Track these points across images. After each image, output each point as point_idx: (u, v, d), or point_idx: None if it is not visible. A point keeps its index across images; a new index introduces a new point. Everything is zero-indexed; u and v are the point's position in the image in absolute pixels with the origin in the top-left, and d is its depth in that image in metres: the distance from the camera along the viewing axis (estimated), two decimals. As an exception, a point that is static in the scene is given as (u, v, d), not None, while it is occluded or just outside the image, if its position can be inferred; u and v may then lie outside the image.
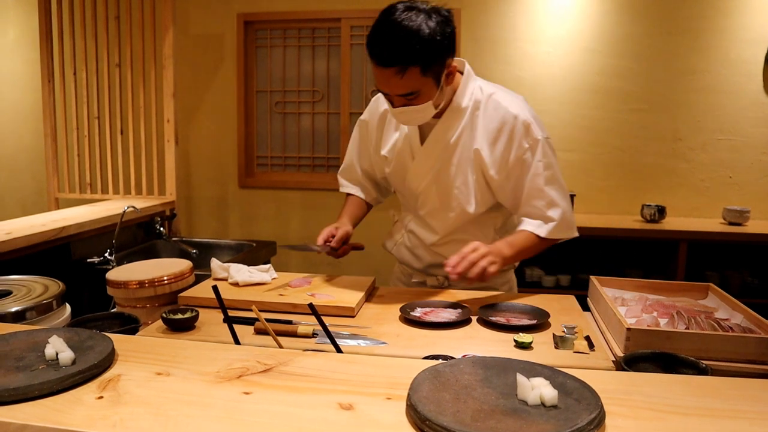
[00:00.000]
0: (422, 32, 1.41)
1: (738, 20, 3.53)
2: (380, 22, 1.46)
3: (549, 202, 1.63)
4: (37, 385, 0.84)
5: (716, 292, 1.55)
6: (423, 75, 1.45)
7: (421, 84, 1.47)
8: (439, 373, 0.88)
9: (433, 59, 1.45)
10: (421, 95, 1.50)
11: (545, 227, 1.63)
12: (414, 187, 1.74)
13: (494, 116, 1.63)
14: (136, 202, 3.04)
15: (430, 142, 1.67)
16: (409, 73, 1.43)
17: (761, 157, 3.63)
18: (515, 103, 1.65)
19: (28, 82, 4.29)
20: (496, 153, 1.63)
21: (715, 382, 0.94)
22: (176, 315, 1.33)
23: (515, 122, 1.61)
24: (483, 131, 1.63)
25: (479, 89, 1.67)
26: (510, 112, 1.62)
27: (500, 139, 1.62)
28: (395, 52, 1.42)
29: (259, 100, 4.20)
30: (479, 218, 1.73)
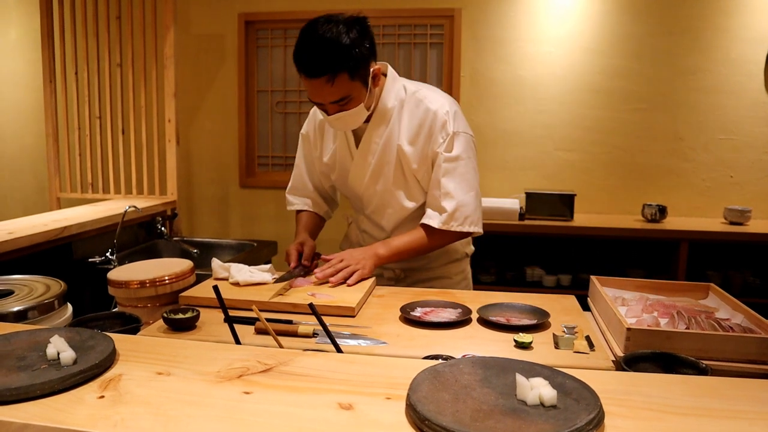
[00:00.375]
0: (344, 40, 1.52)
1: (739, 19, 3.53)
2: (303, 37, 1.56)
3: (444, 194, 1.71)
4: (39, 384, 0.84)
5: (717, 292, 1.55)
6: (351, 80, 1.56)
7: (351, 89, 1.57)
8: (438, 373, 0.88)
9: (357, 64, 1.55)
10: (353, 99, 1.60)
11: (438, 218, 1.71)
12: (356, 188, 1.85)
13: (416, 113, 1.73)
14: (138, 201, 3.04)
15: (364, 144, 1.77)
16: (338, 80, 1.53)
17: (762, 156, 3.63)
18: (436, 98, 1.74)
19: (29, 82, 4.29)
20: (417, 148, 1.73)
21: (715, 382, 0.94)
22: (177, 315, 1.34)
23: (434, 117, 1.71)
24: (406, 128, 1.73)
25: (403, 89, 1.76)
26: (429, 107, 1.72)
27: (420, 134, 1.72)
28: (322, 63, 1.51)
29: (260, 100, 4.21)
30: (420, 212, 1.80)
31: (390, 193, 1.80)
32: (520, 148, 3.85)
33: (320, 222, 2.04)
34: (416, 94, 1.74)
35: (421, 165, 1.74)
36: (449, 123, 1.70)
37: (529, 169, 3.85)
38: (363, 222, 1.95)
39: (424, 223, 1.73)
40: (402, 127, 1.73)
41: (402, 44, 3.94)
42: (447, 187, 1.70)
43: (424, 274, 1.92)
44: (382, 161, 1.76)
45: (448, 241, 1.79)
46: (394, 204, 1.81)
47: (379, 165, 1.77)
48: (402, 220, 1.84)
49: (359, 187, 1.84)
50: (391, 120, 1.73)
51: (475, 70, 3.82)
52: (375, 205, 1.85)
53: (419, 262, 1.90)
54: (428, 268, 1.92)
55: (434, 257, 1.90)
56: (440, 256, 1.91)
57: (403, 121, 1.74)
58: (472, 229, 1.75)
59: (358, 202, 1.93)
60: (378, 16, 3.90)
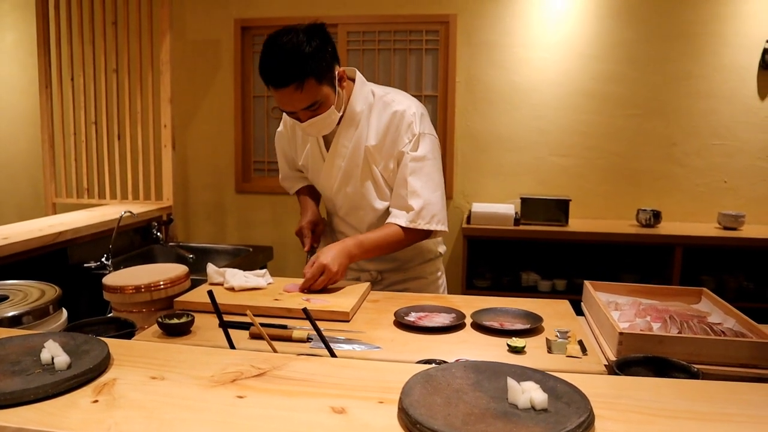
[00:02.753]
0: (306, 48, 1.55)
1: (732, 26, 3.56)
2: (267, 49, 1.59)
3: (411, 192, 1.73)
4: (33, 389, 0.84)
5: (709, 296, 1.55)
6: (319, 84, 1.59)
7: (320, 93, 1.61)
8: (431, 377, 0.89)
9: (323, 69, 1.59)
10: (323, 104, 1.64)
11: (405, 216, 1.73)
12: (327, 191, 1.90)
13: (383, 114, 1.76)
14: (133, 207, 3.04)
15: (333, 147, 1.80)
16: (306, 86, 1.57)
17: (756, 162, 3.65)
18: (403, 101, 1.78)
19: (25, 88, 4.29)
20: (384, 149, 1.76)
21: (706, 386, 0.95)
22: (172, 320, 1.34)
23: (401, 118, 1.74)
24: (374, 130, 1.77)
25: (371, 93, 1.80)
26: (396, 109, 1.75)
27: (388, 135, 1.76)
28: (289, 71, 1.54)
29: (256, 106, 4.22)
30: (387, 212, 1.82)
31: (360, 194, 1.83)
32: (515, 153, 3.87)
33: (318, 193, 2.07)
34: (384, 98, 1.78)
35: (387, 164, 1.77)
36: (415, 124, 1.73)
37: (524, 174, 3.86)
38: (338, 224, 1.98)
39: (391, 222, 1.75)
40: (370, 129, 1.77)
41: (398, 50, 3.96)
42: (413, 186, 1.73)
43: (400, 275, 1.95)
44: (352, 164, 1.80)
45: (414, 240, 1.80)
46: (365, 205, 1.84)
47: (348, 168, 1.80)
48: (374, 221, 1.86)
49: (330, 190, 1.88)
50: (359, 123, 1.77)
51: (471, 75, 3.83)
52: (347, 207, 1.88)
53: (393, 263, 1.93)
54: (403, 269, 1.95)
55: (408, 258, 1.93)
56: (414, 257, 1.94)
57: (371, 124, 1.77)
58: (439, 227, 1.77)
59: (330, 205, 1.97)
60: (374, 23, 3.92)
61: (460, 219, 3.90)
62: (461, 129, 3.90)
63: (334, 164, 1.82)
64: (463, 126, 3.90)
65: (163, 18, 3.21)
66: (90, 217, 2.78)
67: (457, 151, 3.92)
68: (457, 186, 3.95)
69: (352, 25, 3.95)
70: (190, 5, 4.06)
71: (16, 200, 4.48)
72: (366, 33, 3.97)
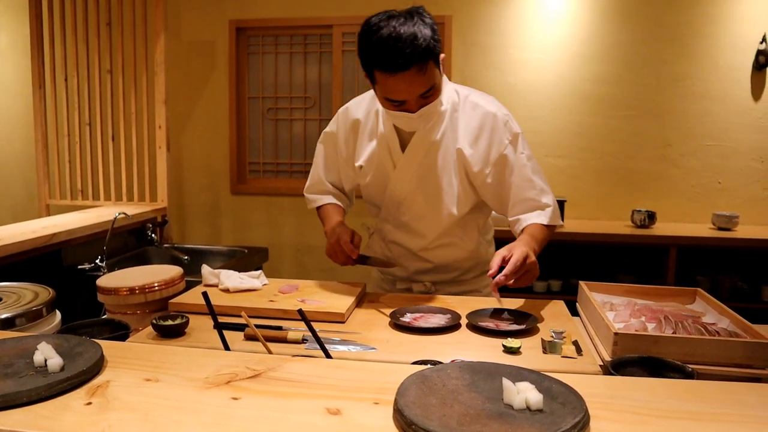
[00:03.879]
0: (423, 29, 1.45)
1: (726, 27, 3.57)
2: (378, 36, 1.47)
3: (540, 190, 1.66)
4: (26, 391, 0.84)
5: (704, 296, 1.56)
6: (435, 67, 1.50)
7: (436, 76, 1.52)
8: (426, 378, 0.89)
9: (437, 51, 1.49)
10: (437, 89, 1.55)
11: (545, 214, 1.65)
12: (397, 194, 1.75)
13: (473, 115, 1.68)
14: (128, 208, 3.03)
15: (413, 147, 1.68)
16: (428, 67, 1.47)
17: (750, 162, 3.67)
18: (491, 102, 1.71)
19: (19, 88, 4.28)
20: (478, 150, 1.66)
21: (700, 386, 0.95)
22: (166, 321, 1.33)
23: (494, 119, 1.66)
24: (464, 131, 1.67)
25: (455, 92, 1.71)
26: (488, 110, 1.67)
27: (482, 137, 1.66)
28: (413, 52, 1.42)
29: (251, 107, 4.21)
30: (463, 220, 1.75)
31: (438, 199, 1.71)
32: (510, 154, 3.86)
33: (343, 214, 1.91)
34: (470, 97, 1.70)
35: (483, 167, 1.66)
36: (512, 124, 1.67)
37: (520, 175, 3.86)
38: (391, 232, 1.83)
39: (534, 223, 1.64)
40: (459, 131, 1.67)
41: (393, 51, 3.95)
42: (540, 184, 1.67)
43: (454, 287, 1.83)
44: (434, 166, 1.69)
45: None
46: (441, 210, 1.72)
47: (427, 169, 1.69)
48: (445, 229, 1.75)
49: (401, 192, 1.74)
50: (444, 123, 1.67)
51: (466, 76, 3.83)
52: (417, 211, 1.75)
53: (450, 275, 1.83)
54: (459, 281, 1.85)
55: (467, 269, 1.84)
56: (472, 268, 1.85)
57: (459, 125, 1.67)
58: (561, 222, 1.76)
59: (393, 209, 1.79)
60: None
61: (455, 220, 3.90)
62: (456, 130, 3.89)
63: (412, 164, 1.69)
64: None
65: (157, 18, 3.21)
66: (84, 218, 2.77)
67: (452, 152, 3.91)
68: (452, 187, 3.94)
69: (347, 26, 3.95)
70: (184, 6, 4.05)
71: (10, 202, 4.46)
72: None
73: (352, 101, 1.87)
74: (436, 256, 1.80)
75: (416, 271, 1.84)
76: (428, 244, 1.78)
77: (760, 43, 3.52)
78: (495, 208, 1.76)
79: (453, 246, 1.79)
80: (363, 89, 4.18)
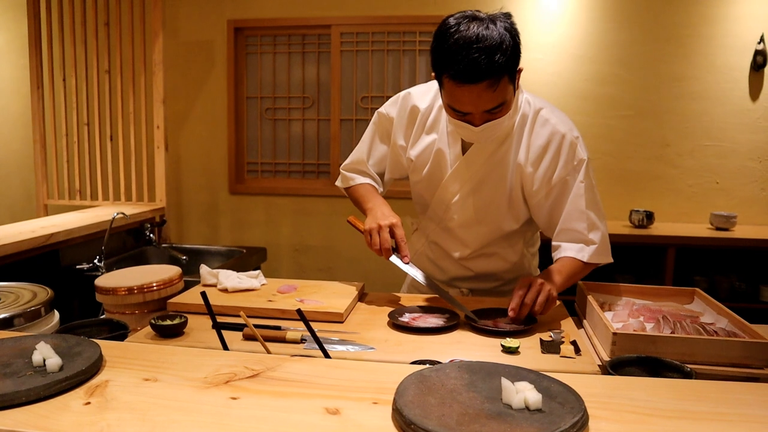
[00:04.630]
0: (505, 39, 1.34)
1: (724, 28, 3.58)
2: (455, 39, 1.34)
3: (590, 225, 1.58)
4: (24, 391, 0.84)
5: (702, 296, 1.56)
6: (510, 83, 1.41)
7: (509, 93, 1.42)
8: (425, 378, 0.89)
9: (515, 65, 1.40)
10: (507, 105, 1.45)
11: (586, 251, 1.58)
12: (448, 197, 1.67)
13: (541, 133, 1.58)
14: (126, 208, 3.03)
15: (473, 152, 1.60)
16: (501, 83, 1.37)
17: (747, 162, 3.67)
18: (562, 121, 1.61)
19: (17, 88, 4.27)
20: (540, 170, 1.58)
21: (699, 386, 0.95)
22: (165, 321, 1.33)
23: (562, 141, 1.57)
24: (528, 146, 1.58)
25: (527, 103, 1.61)
26: (558, 130, 1.58)
27: (546, 157, 1.57)
28: (488, 65, 1.32)
29: (250, 107, 4.21)
30: (510, 233, 1.70)
31: (488, 210, 1.64)
32: (508, 154, 3.87)
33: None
34: (542, 112, 1.59)
35: (541, 188, 1.58)
36: (580, 149, 1.58)
37: (518, 175, 3.86)
38: (435, 233, 1.77)
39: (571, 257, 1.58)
40: (523, 145, 1.58)
41: (391, 51, 3.96)
42: (592, 219, 1.58)
43: (493, 296, 1.76)
44: (490, 175, 1.61)
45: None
46: (489, 222, 1.66)
47: (485, 178, 1.61)
48: (490, 240, 1.69)
49: (451, 197, 1.66)
50: (509, 134, 1.58)
51: (464, 76, 3.83)
52: (465, 219, 1.67)
53: (490, 285, 1.78)
54: (499, 291, 1.78)
55: (508, 281, 1.78)
56: (514, 280, 1.72)
57: (524, 139, 1.59)
58: (610, 259, 1.64)
59: (440, 212, 1.72)
60: (367, 24, 3.92)
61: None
62: (455, 130, 3.90)
63: (469, 169, 1.61)
64: (457, 127, 3.89)
65: (155, 18, 3.20)
66: (82, 218, 2.76)
67: (450, 152, 3.91)
68: (450, 187, 3.94)
69: (345, 26, 3.95)
70: (183, 6, 4.05)
71: (8, 202, 4.45)
72: (359, 34, 3.97)
73: (415, 88, 1.73)
74: (477, 265, 1.74)
75: (455, 277, 1.78)
76: (471, 253, 1.72)
77: (757, 43, 3.53)
78: (543, 228, 1.69)
79: (496, 256, 1.73)
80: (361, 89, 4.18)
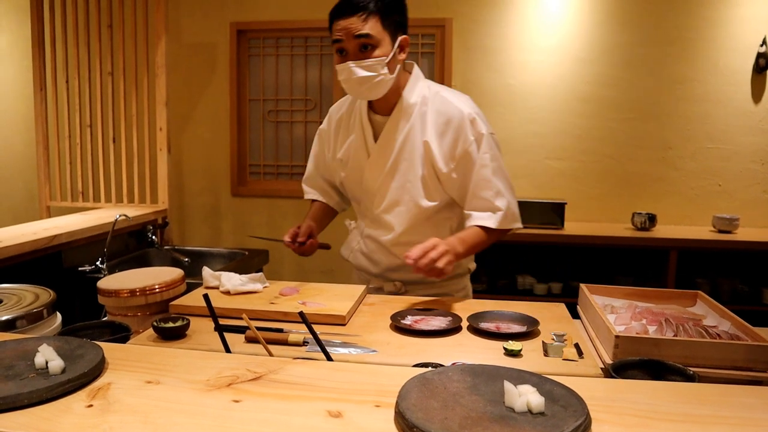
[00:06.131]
0: None
1: (726, 30, 3.58)
2: None
3: (496, 192, 1.71)
4: (26, 393, 0.84)
5: (705, 299, 1.56)
6: (382, 26, 1.60)
7: (379, 34, 1.60)
8: (427, 381, 0.88)
9: (390, 12, 1.61)
10: (378, 47, 1.61)
11: (494, 218, 1.70)
12: (371, 184, 1.82)
13: (442, 111, 1.73)
14: (128, 210, 3.03)
15: (384, 137, 1.76)
16: (371, 20, 1.58)
17: (750, 165, 3.67)
18: (461, 100, 1.76)
19: (20, 90, 4.28)
20: (444, 146, 1.72)
21: (702, 389, 0.95)
22: (167, 323, 1.33)
23: (462, 117, 1.70)
24: (431, 125, 1.73)
25: (426, 87, 1.78)
26: (457, 107, 1.72)
27: (447, 133, 1.72)
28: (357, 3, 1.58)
29: (252, 109, 4.21)
30: (434, 218, 1.79)
31: (406, 189, 1.77)
32: (510, 156, 3.87)
33: (330, 212, 2.04)
34: (441, 93, 1.76)
35: (446, 163, 1.72)
36: (479, 123, 1.71)
37: (520, 177, 3.87)
38: (368, 227, 1.89)
39: (478, 225, 1.71)
40: (428, 124, 1.73)
41: (393, 53, 3.96)
42: (498, 186, 1.71)
43: (425, 289, 1.86)
44: (402, 156, 1.75)
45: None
46: (408, 201, 1.77)
47: (397, 160, 1.76)
48: (415, 222, 1.79)
49: (374, 183, 1.80)
50: (412, 116, 1.73)
51: (466, 79, 3.84)
52: (388, 202, 1.80)
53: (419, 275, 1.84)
54: (430, 283, 1.85)
55: None
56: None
57: (428, 119, 1.73)
58: (519, 225, 1.77)
59: (368, 201, 1.86)
60: None
61: (455, 222, 3.90)
62: (457, 132, 3.90)
63: (383, 155, 1.77)
64: (459, 129, 3.89)
65: (158, 21, 3.21)
66: (85, 220, 2.77)
67: (452, 155, 3.92)
68: (452, 189, 3.95)
69: (347, 28, 3.95)
70: (186, 8, 4.06)
71: (11, 203, 4.46)
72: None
73: (341, 99, 1.96)
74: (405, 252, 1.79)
75: (387, 267, 1.87)
76: (398, 237, 1.81)
77: (760, 45, 3.53)
78: (458, 201, 1.80)
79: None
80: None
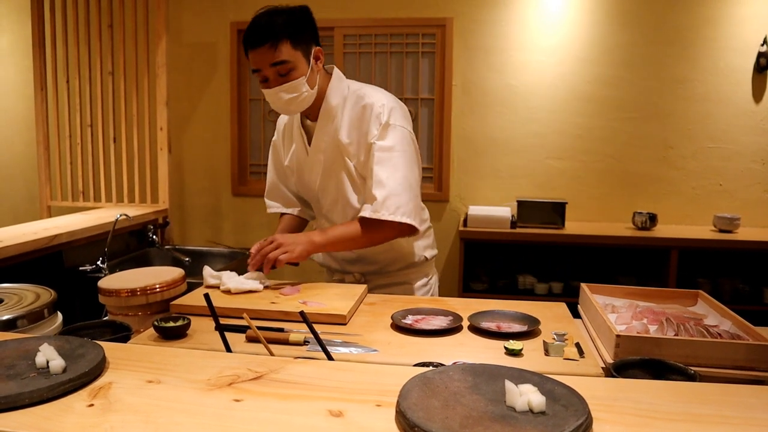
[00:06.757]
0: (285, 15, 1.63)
1: (727, 30, 3.57)
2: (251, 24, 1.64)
3: (376, 182, 1.70)
4: (27, 393, 0.83)
5: (705, 299, 1.56)
6: (293, 48, 1.63)
7: (293, 56, 1.63)
8: (428, 380, 0.88)
9: (298, 33, 1.63)
10: (295, 69, 1.64)
11: (369, 207, 1.70)
12: (312, 187, 1.87)
13: (355, 108, 1.76)
14: (129, 210, 3.03)
15: (314, 141, 1.81)
16: (281, 45, 1.61)
17: (751, 164, 3.66)
18: (374, 94, 1.77)
19: (20, 90, 4.28)
20: (356, 142, 1.75)
21: (703, 388, 0.95)
22: (168, 323, 1.33)
23: (371, 110, 1.73)
24: (346, 123, 1.76)
25: (347, 88, 1.80)
26: (368, 102, 1.74)
27: (360, 128, 1.75)
28: (266, 30, 1.60)
29: (253, 108, 4.21)
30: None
31: (339, 189, 1.82)
32: (511, 156, 3.87)
33: (300, 223, 2.07)
34: (358, 92, 1.78)
35: (359, 158, 1.76)
36: (383, 114, 1.72)
37: (521, 177, 3.87)
38: (322, 224, 1.95)
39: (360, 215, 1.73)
40: (343, 123, 1.76)
41: (394, 53, 3.96)
42: (378, 176, 1.69)
43: (383, 279, 1.92)
44: (331, 158, 1.79)
45: (385, 234, 1.74)
46: (342, 200, 1.82)
47: (328, 162, 1.80)
48: (353, 217, 1.81)
49: (314, 186, 1.86)
50: (335, 117, 1.77)
51: (467, 79, 3.84)
52: (329, 203, 1.87)
53: (374, 266, 1.91)
54: (385, 272, 1.92)
55: (388, 261, 1.91)
56: (394, 261, 1.91)
57: (345, 118, 1.76)
58: (405, 219, 1.68)
59: (316, 204, 1.94)
60: (370, 26, 3.92)
61: (456, 222, 3.90)
62: (458, 132, 3.90)
63: (316, 159, 1.82)
64: (460, 129, 3.90)
65: (159, 21, 3.21)
66: (85, 220, 2.77)
67: (453, 155, 3.92)
68: (453, 189, 3.95)
69: (348, 28, 3.95)
70: (186, 8, 4.06)
71: (11, 203, 4.46)
72: (362, 36, 3.97)
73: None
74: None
75: (343, 260, 1.93)
76: None
77: (761, 45, 3.53)
78: None
79: None
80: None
